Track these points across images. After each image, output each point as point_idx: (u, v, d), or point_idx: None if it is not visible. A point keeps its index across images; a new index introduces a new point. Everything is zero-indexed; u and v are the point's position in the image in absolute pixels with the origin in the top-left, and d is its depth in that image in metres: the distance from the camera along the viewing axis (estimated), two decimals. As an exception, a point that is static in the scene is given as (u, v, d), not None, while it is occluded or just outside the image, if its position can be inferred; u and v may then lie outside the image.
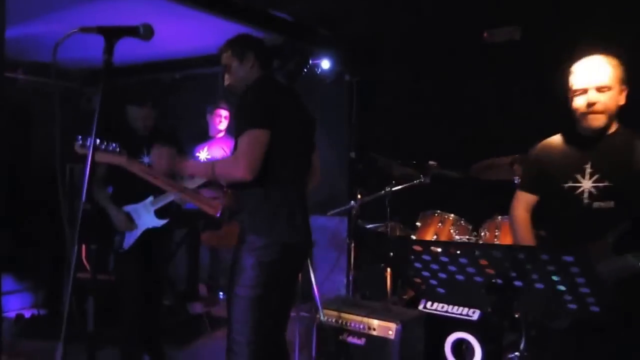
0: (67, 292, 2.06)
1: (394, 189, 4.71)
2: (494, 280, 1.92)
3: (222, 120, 5.89)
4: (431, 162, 4.64)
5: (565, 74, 2.76)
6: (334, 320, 3.89)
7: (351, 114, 6.25)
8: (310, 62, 5.92)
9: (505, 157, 4.24)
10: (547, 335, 2.86)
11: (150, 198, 3.94)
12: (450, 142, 5.47)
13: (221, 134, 5.88)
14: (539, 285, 1.86)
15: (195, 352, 4.97)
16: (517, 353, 3.85)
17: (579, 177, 2.67)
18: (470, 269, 1.92)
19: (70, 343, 2.05)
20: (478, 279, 1.94)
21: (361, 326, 3.77)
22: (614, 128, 2.69)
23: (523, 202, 2.92)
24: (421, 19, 5.47)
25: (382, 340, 3.67)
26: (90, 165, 2.15)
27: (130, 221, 3.92)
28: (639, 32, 4.55)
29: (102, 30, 2.15)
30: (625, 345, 2.59)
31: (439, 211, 4.53)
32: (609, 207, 2.60)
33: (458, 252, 1.90)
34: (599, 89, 2.60)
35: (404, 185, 4.72)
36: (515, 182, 4.22)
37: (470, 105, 5.50)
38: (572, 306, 1.90)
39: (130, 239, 3.93)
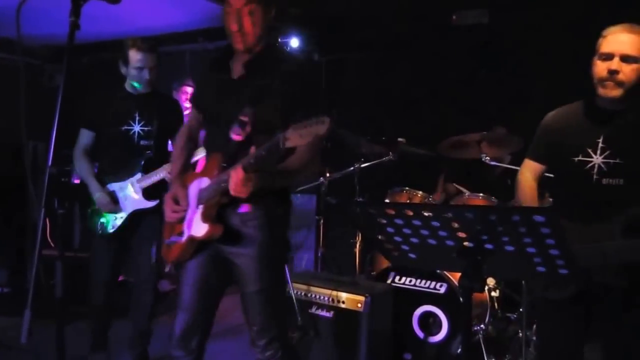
0: (34, 261, 2.03)
1: (362, 165, 4.74)
2: (465, 244, 1.94)
3: (188, 96, 5.84)
4: (400, 139, 4.67)
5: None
6: (302, 294, 3.91)
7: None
8: (280, 40, 5.91)
9: (472, 135, 4.29)
10: (540, 305, 2.86)
11: (138, 175, 3.68)
12: (419, 120, 5.54)
13: (187, 112, 5.83)
14: (509, 248, 1.88)
15: (164, 329, 4.94)
16: (482, 326, 3.94)
17: (590, 151, 2.59)
18: (442, 232, 1.94)
19: (37, 317, 2.01)
20: (450, 242, 1.96)
21: (330, 299, 3.79)
22: (630, 103, 2.58)
23: (530, 168, 2.85)
24: (391, 0, 5.49)
25: (351, 313, 3.70)
26: (55, 138, 2.09)
27: (115, 202, 3.69)
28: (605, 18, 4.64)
29: None
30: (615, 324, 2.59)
31: (407, 188, 4.56)
32: (618, 185, 2.53)
33: (430, 214, 1.91)
34: (624, 58, 2.51)
35: (373, 162, 4.75)
36: (483, 159, 4.29)
37: (439, 84, 5.55)
38: (541, 269, 1.93)
39: (114, 222, 3.70)
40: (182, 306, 2.69)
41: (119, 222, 3.71)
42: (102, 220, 3.73)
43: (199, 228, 2.56)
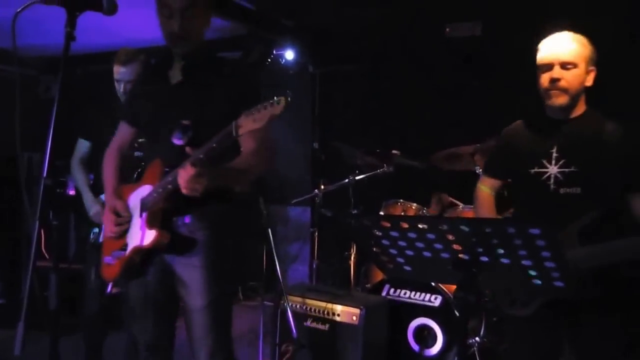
0: (29, 273, 2.01)
1: (357, 178, 4.74)
2: (460, 256, 1.94)
3: None
4: (394, 152, 4.68)
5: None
6: (298, 307, 3.90)
7: (314, 104, 6.28)
8: (274, 52, 5.92)
9: (466, 147, 4.30)
10: (509, 323, 2.87)
11: None
12: (414, 132, 5.55)
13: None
14: (504, 261, 1.88)
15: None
16: (477, 338, 3.93)
17: (545, 162, 2.61)
18: (438, 245, 1.94)
19: (31, 329, 1.99)
20: (445, 255, 1.96)
21: (325, 312, 3.79)
22: (581, 111, 2.64)
23: (487, 184, 2.91)
24: (385, 12, 5.52)
25: (345, 326, 3.70)
26: (50, 149, 2.07)
27: None
28: (598, 29, 4.67)
29: (63, 1, 2.07)
30: (587, 333, 2.58)
31: (401, 200, 4.56)
32: (575, 193, 2.54)
33: (425, 227, 1.91)
34: (564, 65, 2.55)
35: (367, 174, 4.75)
36: (477, 172, 4.30)
37: (433, 96, 5.57)
38: (537, 282, 1.93)
39: None
40: (139, 327, 2.64)
41: None
42: (95, 230, 3.74)
43: (145, 236, 2.44)
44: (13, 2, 5.09)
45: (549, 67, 2.58)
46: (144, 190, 2.52)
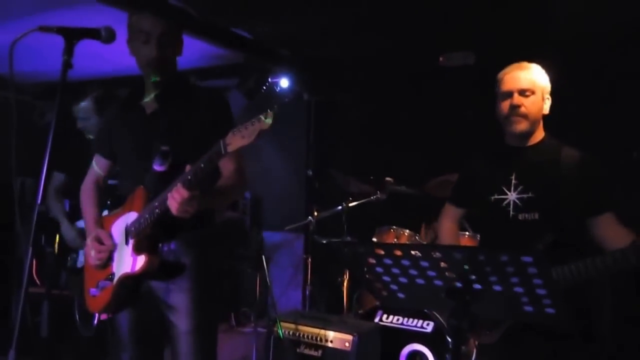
0: (20, 299, 2.00)
1: (350, 204, 4.77)
2: (453, 284, 1.96)
3: None
4: (387, 179, 4.72)
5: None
6: (290, 333, 3.90)
7: (309, 132, 6.33)
8: (270, 80, 5.99)
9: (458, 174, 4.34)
10: (481, 349, 2.91)
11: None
12: (407, 160, 5.58)
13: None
14: (497, 288, 1.91)
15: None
16: (470, 365, 3.93)
17: (504, 189, 2.68)
18: (431, 273, 1.96)
19: (22, 356, 1.98)
20: (438, 282, 1.98)
21: (318, 338, 3.79)
22: (539, 137, 2.72)
23: (450, 213, 3.00)
24: (378, 42, 5.59)
25: (338, 352, 3.70)
26: (46, 174, 2.09)
27: (82, 238, 3.71)
28: (589, 58, 4.77)
29: (62, 30, 2.11)
30: (559, 354, 2.62)
31: (394, 227, 4.59)
32: (534, 219, 2.61)
33: (419, 254, 1.93)
34: (522, 93, 2.65)
35: (361, 201, 4.79)
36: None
37: (426, 125, 5.63)
38: (529, 308, 1.95)
39: (82, 259, 3.78)
40: (124, 352, 2.61)
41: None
42: (74, 255, 3.87)
43: (135, 262, 2.43)
44: (11, 28, 5.18)
45: (508, 94, 2.68)
46: (129, 217, 2.51)
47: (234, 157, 2.44)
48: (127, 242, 2.49)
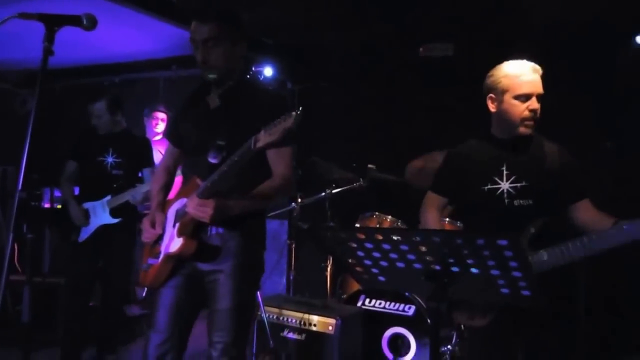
0: (1, 287, 2.00)
1: (333, 191, 4.83)
2: (432, 267, 2.02)
3: (159, 122, 5.94)
4: (370, 166, 4.78)
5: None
6: (274, 317, 3.97)
7: (292, 120, 6.36)
8: (253, 69, 6.02)
9: (436, 153, 4.42)
10: (471, 332, 2.99)
11: (108, 197, 4.30)
12: (389, 147, 5.66)
13: (158, 137, 5.88)
14: (474, 271, 1.97)
15: (132, 355, 4.94)
16: (449, 346, 4.02)
17: (496, 179, 2.76)
18: (411, 256, 2.01)
19: (3, 345, 1.96)
20: (418, 265, 2.03)
21: (301, 322, 3.86)
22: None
23: (434, 201, 3.02)
24: (360, 32, 5.64)
25: (322, 336, 3.77)
26: (26, 162, 2.10)
27: (86, 217, 4.32)
28: (563, 50, 4.85)
29: (42, 17, 2.09)
30: (542, 340, 2.73)
31: (377, 213, 4.66)
32: (528, 204, 2.72)
33: (399, 238, 1.99)
34: (539, 97, 2.70)
35: (344, 188, 4.85)
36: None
37: (407, 113, 5.70)
38: (505, 290, 2.02)
39: (84, 234, 4.31)
40: (156, 328, 2.72)
41: (86, 234, 4.33)
42: (75, 231, 4.36)
43: (174, 244, 2.65)
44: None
45: (528, 97, 2.70)
46: (180, 202, 2.73)
47: (286, 162, 2.69)
48: (174, 225, 2.72)
